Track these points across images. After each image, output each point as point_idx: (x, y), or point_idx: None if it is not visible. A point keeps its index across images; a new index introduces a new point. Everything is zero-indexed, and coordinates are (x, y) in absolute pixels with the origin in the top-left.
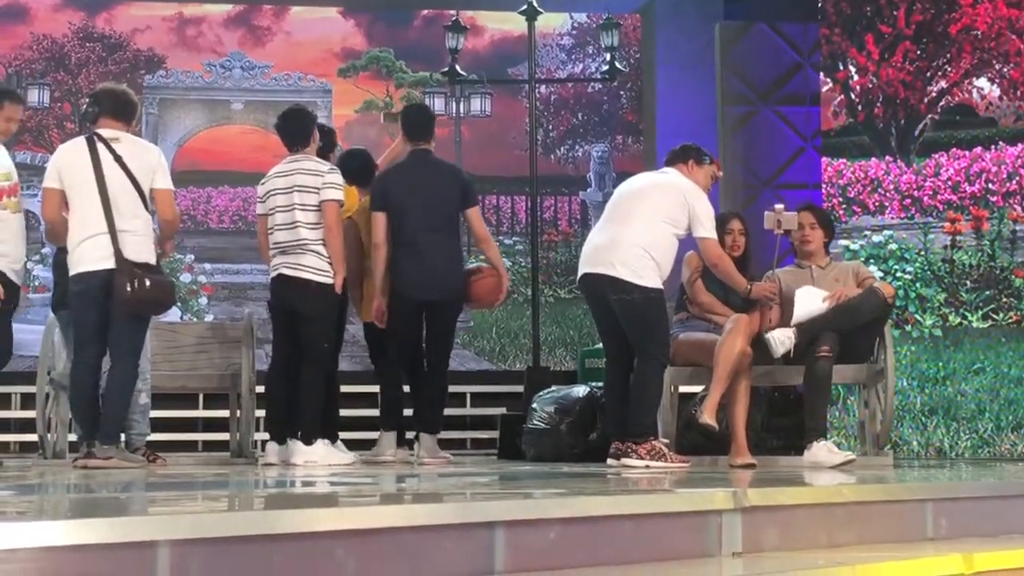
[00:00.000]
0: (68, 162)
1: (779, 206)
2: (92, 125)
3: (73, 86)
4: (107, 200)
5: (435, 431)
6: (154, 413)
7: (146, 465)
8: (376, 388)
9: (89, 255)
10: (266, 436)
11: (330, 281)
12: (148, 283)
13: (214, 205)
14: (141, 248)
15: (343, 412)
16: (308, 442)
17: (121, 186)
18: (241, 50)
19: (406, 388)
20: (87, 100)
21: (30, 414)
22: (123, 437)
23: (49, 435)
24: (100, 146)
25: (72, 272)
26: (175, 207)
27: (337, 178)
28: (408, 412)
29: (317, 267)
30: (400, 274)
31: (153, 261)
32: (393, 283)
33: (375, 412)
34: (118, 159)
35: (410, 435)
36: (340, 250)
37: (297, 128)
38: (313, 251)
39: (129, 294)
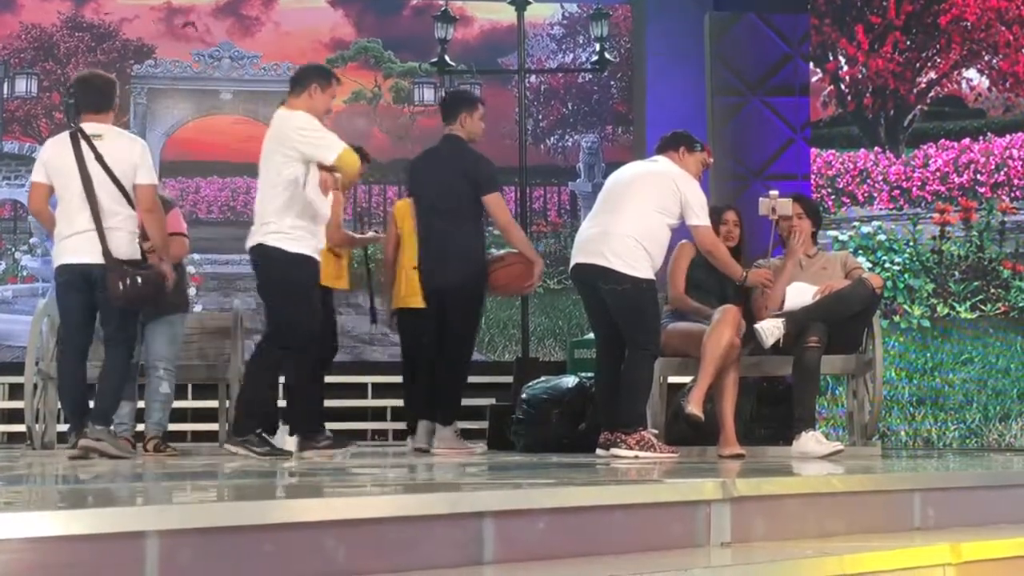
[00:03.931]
0: (53, 159)
1: (774, 192)
2: (76, 118)
3: (62, 75)
4: (93, 199)
5: (446, 422)
6: (142, 404)
7: (133, 455)
8: (365, 379)
9: (73, 249)
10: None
11: None
12: (140, 280)
13: (203, 195)
14: (128, 245)
15: (331, 403)
16: (292, 432)
17: (104, 185)
18: (230, 40)
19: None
20: (67, 92)
21: (17, 404)
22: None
23: (37, 426)
24: (83, 144)
25: (56, 263)
26: (156, 202)
27: None
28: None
29: None
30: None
31: (139, 256)
32: None
33: (363, 403)
34: (99, 158)
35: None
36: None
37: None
38: None
39: (121, 292)
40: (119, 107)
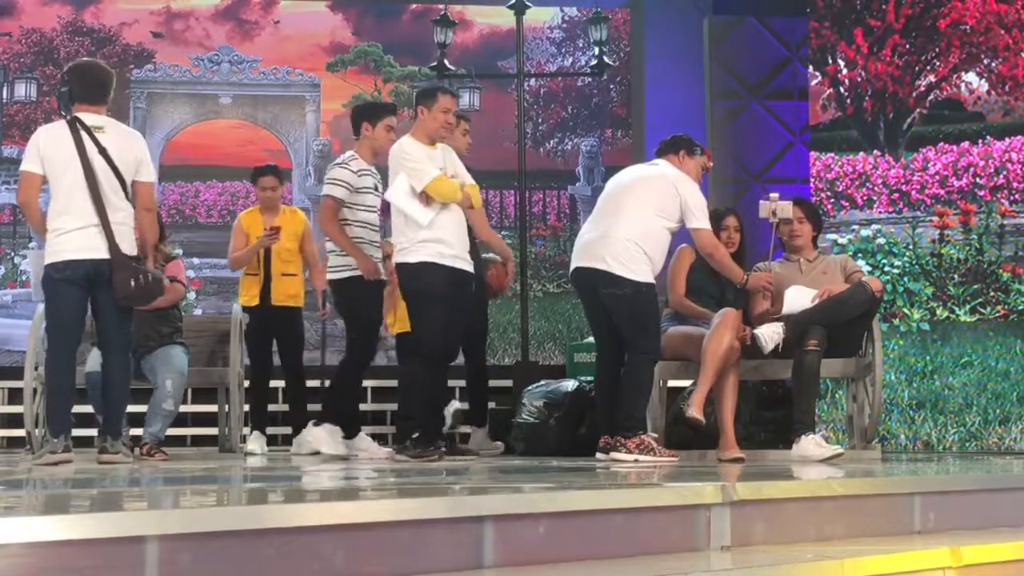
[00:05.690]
0: (50, 147)
1: (774, 195)
2: (71, 106)
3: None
4: (97, 192)
5: (480, 423)
6: (141, 408)
7: (132, 460)
8: (364, 383)
9: (75, 245)
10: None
11: (336, 276)
12: (150, 278)
13: (202, 199)
14: (130, 242)
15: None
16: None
17: (106, 178)
18: (229, 44)
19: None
20: (61, 80)
21: (17, 409)
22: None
23: (37, 430)
24: (84, 134)
25: (54, 260)
26: (154, 201)
27: (337, 173)
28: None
29: (331, 264)
30: None
31: (136, 253)
32: None
33: (363, 407)
34: (103, 151)
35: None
36: (342, 242)
37: (352, 121)
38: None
39: (133, 289)
40: (119, 112)
